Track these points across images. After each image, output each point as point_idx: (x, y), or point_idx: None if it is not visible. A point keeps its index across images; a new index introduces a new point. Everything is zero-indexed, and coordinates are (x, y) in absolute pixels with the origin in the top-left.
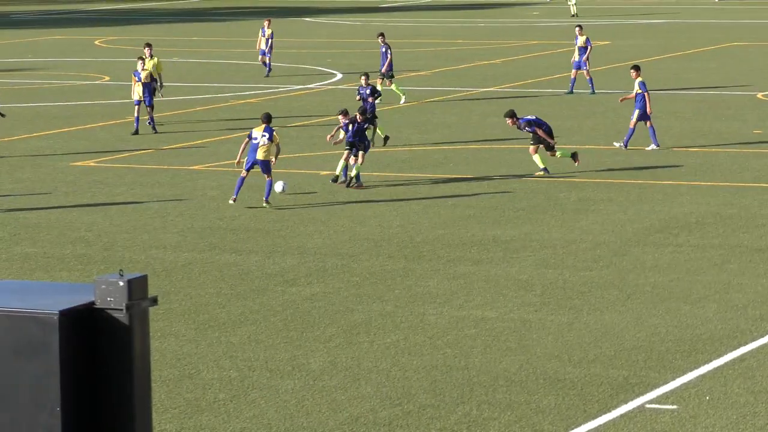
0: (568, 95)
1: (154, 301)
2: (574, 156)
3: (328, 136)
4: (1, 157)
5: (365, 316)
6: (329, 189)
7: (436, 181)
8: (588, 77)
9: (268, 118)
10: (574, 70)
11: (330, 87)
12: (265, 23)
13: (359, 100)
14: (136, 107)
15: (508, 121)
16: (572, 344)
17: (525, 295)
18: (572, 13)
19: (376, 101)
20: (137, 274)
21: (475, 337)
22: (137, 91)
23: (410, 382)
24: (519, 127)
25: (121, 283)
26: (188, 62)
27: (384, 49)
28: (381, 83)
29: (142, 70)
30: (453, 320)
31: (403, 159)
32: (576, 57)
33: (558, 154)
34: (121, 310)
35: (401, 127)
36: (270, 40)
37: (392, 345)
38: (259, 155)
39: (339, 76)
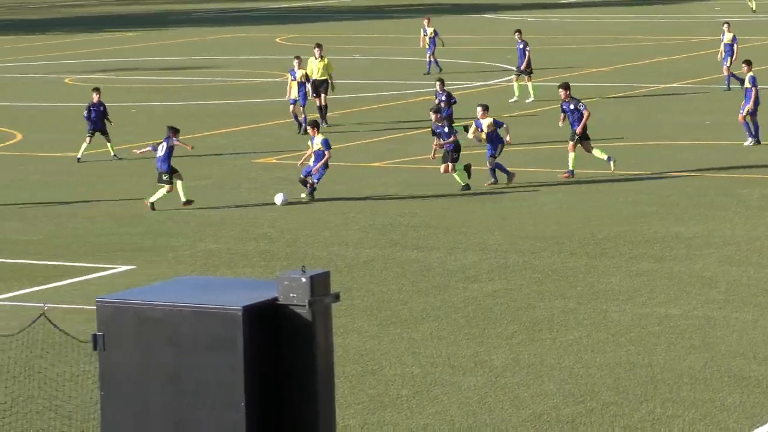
0: (725, 92)
1: (337, 297)
2: (609, 159)
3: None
4: (184, 156)
5: (547, 313)
6: (510, 185)
7: (617, 178)
8: (727, 74)
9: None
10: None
11: (510, 84)
12: (425, 21)
13: (438, 104)
14: (292, 106)
15: (562, 92)
16: (757, 342)
17: (709, 292)
18: (752, 9)
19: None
20: (320, 270)
21: (658, 335)
22: (293, 91)
23: (593, 380)
24: (566, 108)
25: (304, 280)
26: (369, 59)
27: (521, 46)
28: (518, 80)
29: (298, 68)
30: (636, 317)
31: (583, 155)
32: (722, 54)
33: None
34: (304, 306)
35: None
36: (434, 38)
37: (575, 342)
38: None
39: None
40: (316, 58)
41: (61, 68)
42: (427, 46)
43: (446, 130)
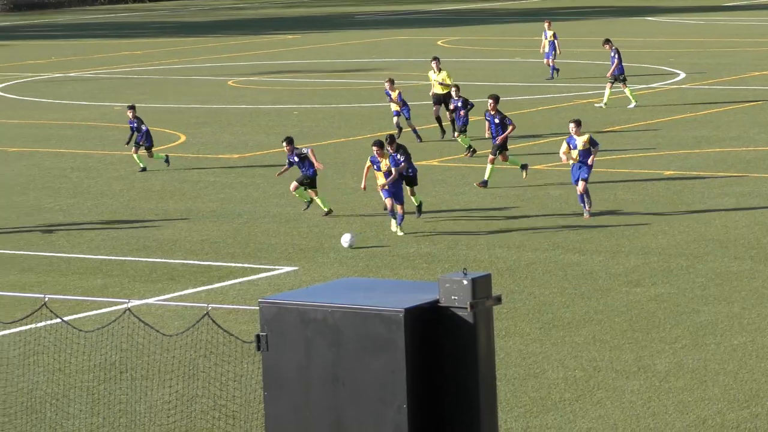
0: None
1: (498, 299)
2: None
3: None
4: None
5: (711, 318)
6: (673, 189)
7: None
8: None
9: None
10: None
11: (673, 87)
12: (546, 25)
13: (453, 109)
14: (396, 119)
15: (490, 103)
16: None
17: None
18: None
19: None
20: (481, 273)
21: None
22: (394, 105)
23: (758, 385)
24: (490, 119)
25: (465, 282)
26: (529, 62)
27: (612, 54)
28: (611, 87)
29: (391, 90)
30: None
31: (748, 159)
32: None
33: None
34: (466, 308)
35: (746, 127)
36: (554, 42)
37: (740, 347)
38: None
39: (682, 75)
40: (434, 72)
41: (224, 71)
42: (546, 51)
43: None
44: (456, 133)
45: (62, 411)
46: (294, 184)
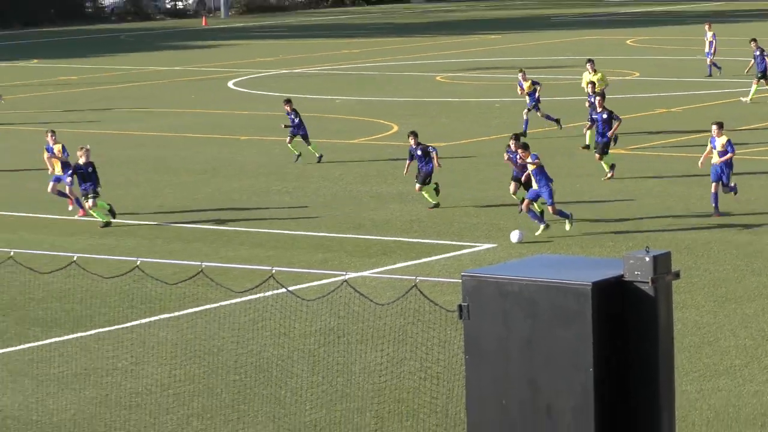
0: None
1: (677, 275)
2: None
3: None
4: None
5: None
6: None
7: None
8: None
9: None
10: None
11: None
12: (706, 26)
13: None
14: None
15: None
16: None
17: None
18: None
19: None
20: (662, 251)
21: None
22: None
23: None
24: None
25: (647, 259)
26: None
27: (757, 52)
28: (758, 84)
29: (524, 80)
30: None
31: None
32: None
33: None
34: (647, 282)
35: None
36: (713, 42)
37: None
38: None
39: None
40: (589, 73)
41: (432, 67)
42: (707, 50)
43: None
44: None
45: (286, 370)
46: (417, 186)
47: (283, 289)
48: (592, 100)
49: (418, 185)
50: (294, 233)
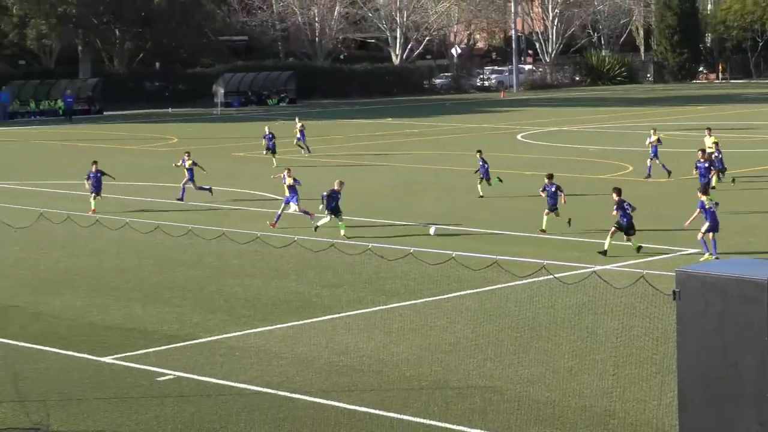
0: None
1: None
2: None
3: None
4: None
5: None
6: None
7: None
8: None
9: None
10: None
11: None
12: None
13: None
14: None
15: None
16: None
17: None
18: None
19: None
20: None
21: None
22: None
23: None
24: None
25: None
26: None
27: None
28: None
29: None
30: None
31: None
32: None
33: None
34: None
35: None
36: None
37: None
38: None
39: None
40: (709, 137)
41: (656, 127)
42: None
43: None
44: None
45: (553, 331)
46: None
47: (550, 276)
48: (706, 160)
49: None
50: (559, 238)
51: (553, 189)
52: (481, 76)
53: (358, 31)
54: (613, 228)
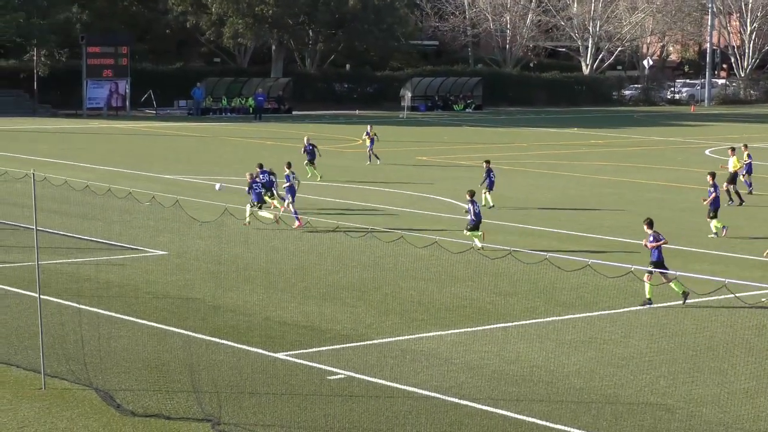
0: None
1: None
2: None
3: None
4: None
5: None
6: None
7: None
8: None
9: None
10: None
11: None
12: None
13: None
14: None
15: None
16: None
17: None
18: None
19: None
20: None
21: None
22: None
23: None
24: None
25: None
26: None
27: None
28: None
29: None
30: None
31: None
32: None
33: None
34: None
35: None
36: None
37: None
38: None
39: None
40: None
41: None
42: None
43: None
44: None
45: (729, 351)
46: None
47: (731, 295)
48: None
49: None
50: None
51: (712, 190)
52: (672, 89)
53: (549, 40)
54: None
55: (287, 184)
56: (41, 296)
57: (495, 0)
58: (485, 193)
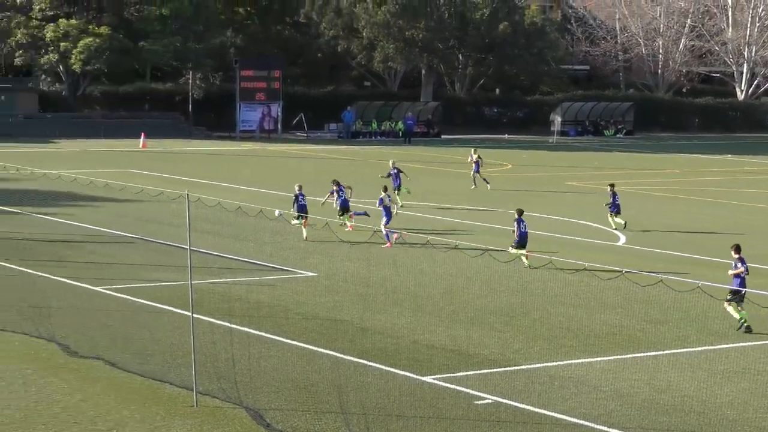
0: None
1: None
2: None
3: None
4: None
5: None
6: None
7: None
8: None
9: None
10: None
11: None
12: None
13: None
14: None
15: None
16: None
17: None
18: None
19: None
20: None
21: None
22: None
23: None
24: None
25: None
26: None
27: None
28: None
29: None
30: None
31: None
32: None
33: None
34: None
35: None
36: None
37: None
38: None
39: None
40: None
41: None
42: None
43: None
44: None
45: None
46: None
47: None
48: None
49: None
50: None
51: None
52: None
53: (702, 65)
54: None
55: (380, 206)
56: (194, 315)
57: (648, 25)
58: (611, 216)
